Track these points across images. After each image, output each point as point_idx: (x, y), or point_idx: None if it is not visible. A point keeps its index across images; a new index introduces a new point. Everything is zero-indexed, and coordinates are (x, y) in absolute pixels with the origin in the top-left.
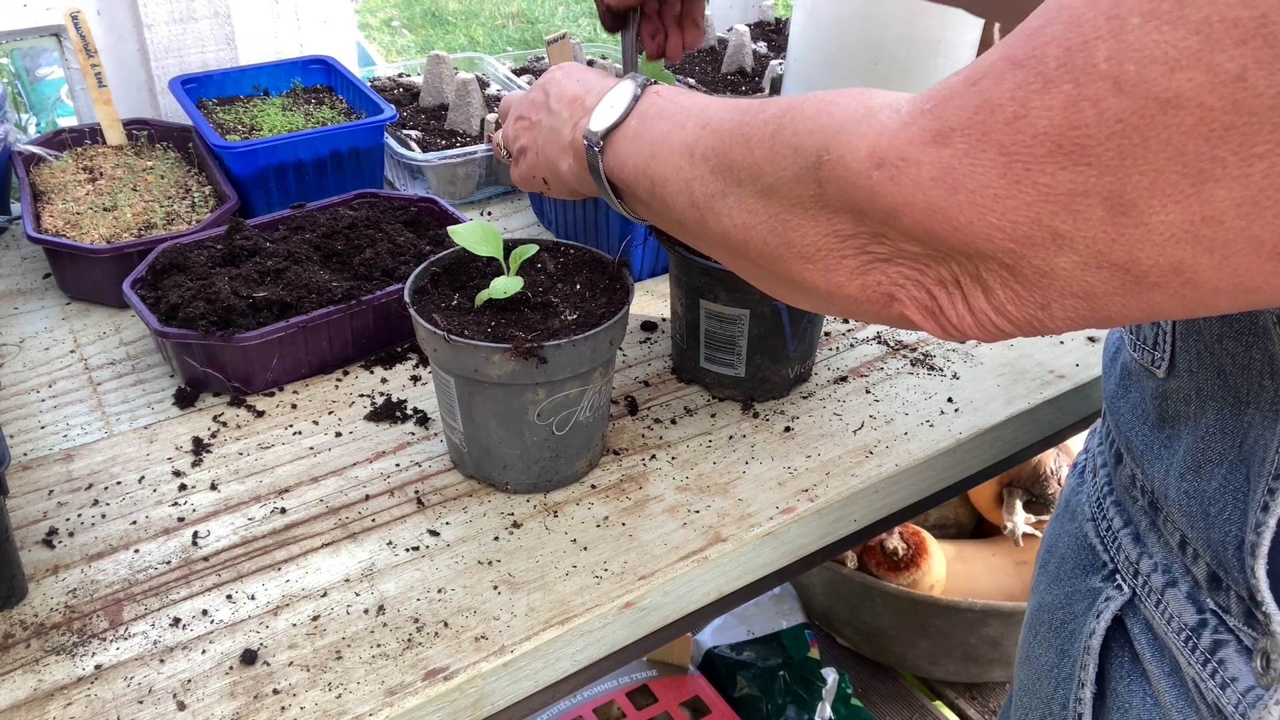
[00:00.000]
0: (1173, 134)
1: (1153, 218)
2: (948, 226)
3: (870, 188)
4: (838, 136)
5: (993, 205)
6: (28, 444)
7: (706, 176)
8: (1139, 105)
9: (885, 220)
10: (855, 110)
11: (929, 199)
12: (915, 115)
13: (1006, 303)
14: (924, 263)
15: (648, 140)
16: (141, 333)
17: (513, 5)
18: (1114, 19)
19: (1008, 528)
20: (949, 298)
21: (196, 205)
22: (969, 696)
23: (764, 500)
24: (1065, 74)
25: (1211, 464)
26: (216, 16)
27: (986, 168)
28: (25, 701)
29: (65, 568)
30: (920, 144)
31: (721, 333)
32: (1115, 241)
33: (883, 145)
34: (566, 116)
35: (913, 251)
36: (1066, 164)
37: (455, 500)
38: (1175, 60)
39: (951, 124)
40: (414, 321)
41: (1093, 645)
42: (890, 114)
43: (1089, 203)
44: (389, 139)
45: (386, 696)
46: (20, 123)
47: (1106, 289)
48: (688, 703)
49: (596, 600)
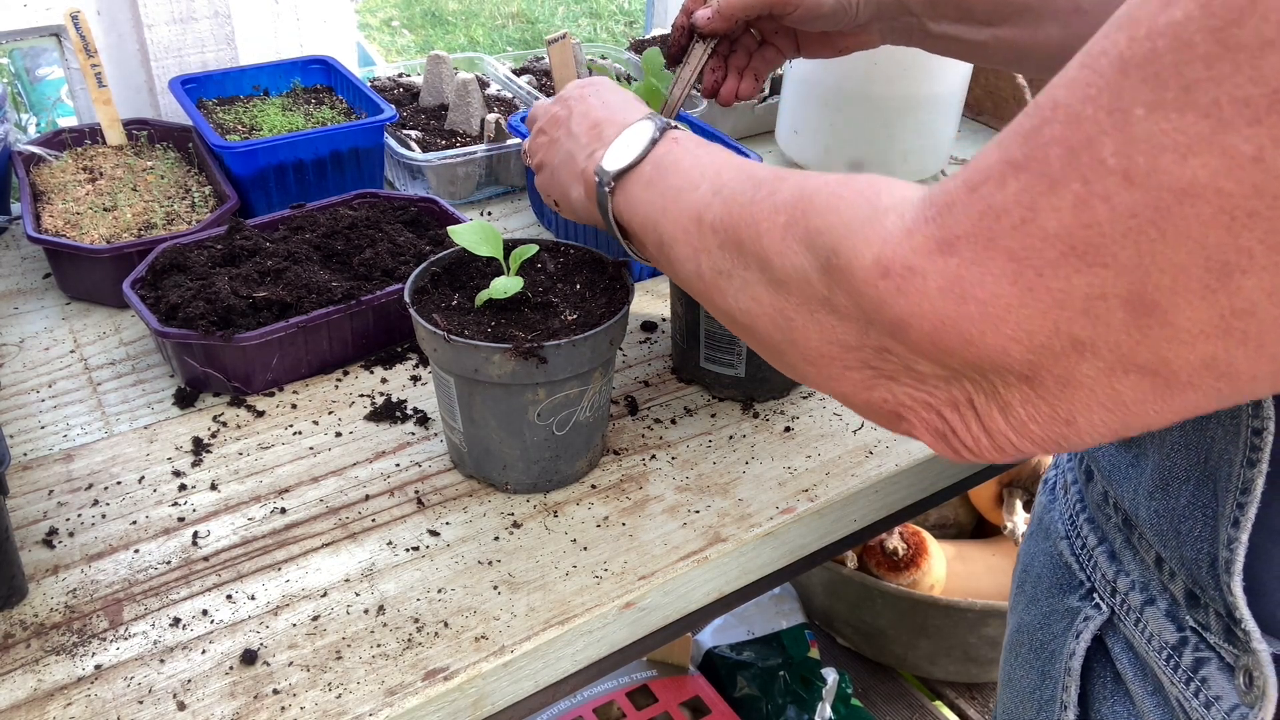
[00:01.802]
0: (1191, 225)
1: (1178, 316)
2: (959, 340)
3: (876, 297)
4: (845, 240)
5: (1005, 315)
6: (28, 444)
7: (715, 250)
8: (1153, 198)
9: (893, 333)
10: (862, 211)
11: (937, 310)
12: (919, 223)
13: (1028, 421)
14: (933, 384)
15: (659, 193)
16: (141, 333)
17: (513, 5)
18: (1116, 112)
19: (1008, 528)
20: (962, 421)
21: (196, 205)
22: (969, 696)
23: (764, 500)
24: (1071, 173)
25: (1179, 481)
26: (216, 16)
27: (996, 276)
28: (25, 701)
29: (65, 568)
30: (926, 253)
31: (721, 333)
32: (1140, 344)
33: (888, 254)
34: (584, 143)
35: (921, 371)
36: (1081, 266)
37: (455, 500)
38: (1187, 147)
39: (956, 232)
40: (414, 321)
41: (1073, 666)
42: (895, 220)
43: (1108, 306)
44: (389, 139)
45: (386, 696)
46: (20, 123)
47: (1136, 395)
48: (688, 703)
49: (596, 600)
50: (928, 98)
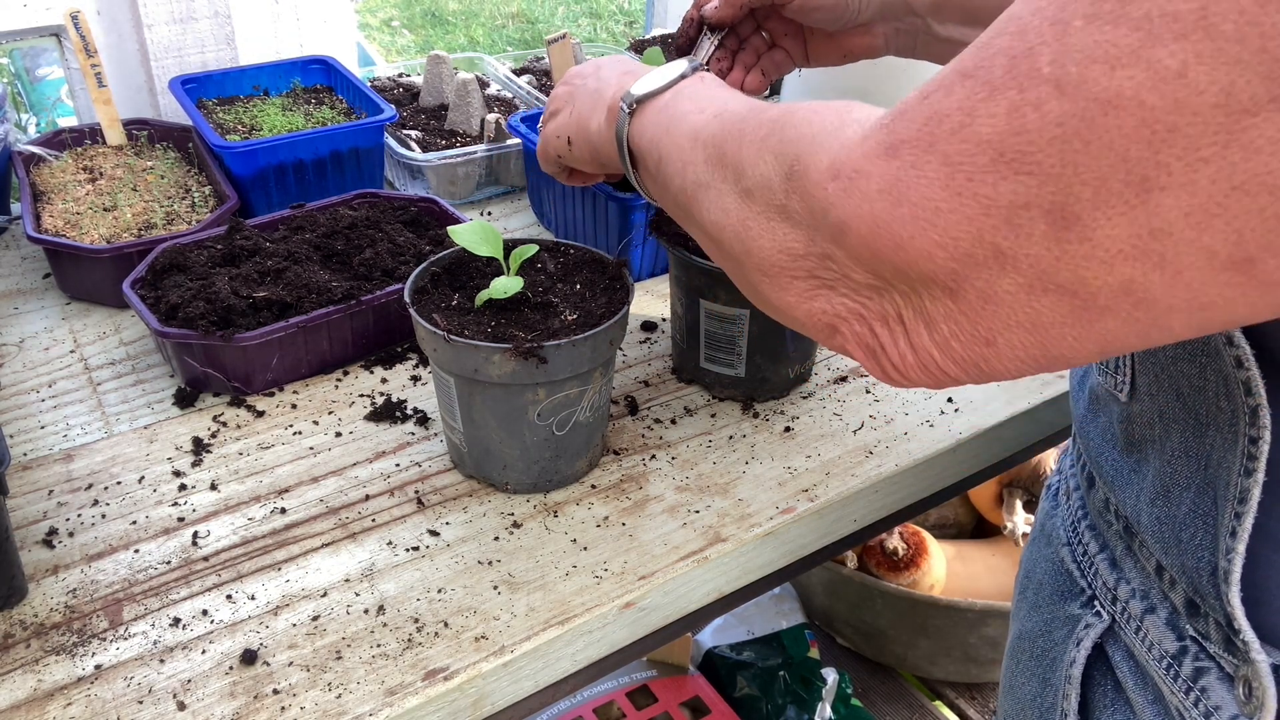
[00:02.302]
0: (1114, 137)
1: (1098, 232)
2: (890, 243)
3: (825, 199)
4: (808, 148)
5: (934, 219)
6: (28, 444)
7: (700, 164)
8: (1080, 107)
9: (834, 237)
10: (830, 123)
11: (874, 212)
12: (874, 130)
13: (950, 339)
14: (867, 294)
15: (669, 115)
16: (141, 333)
17: (513, 5)
18: (1058, 24)
19: (1008, 528)
20: (890, 336)
21: (196, 205)
22: (969, 696)
23: (764, 500)
24: (1010, 81)
25: (1179, 489)
26: (216, 16)
27: (930, 179)
28: (25, 701)
29: (65, 568)
30: (873, 156)
31: (721, 333)
32: (1060, 260)
33: (841, 158)
34: (614, 82)
35: (856, 280)
36: (1008, 173)
37: (455, 500)
38: (1115, 59)
39: (902, 136)
40: (414, 321)
41: (1074, 674)
42: (855, 129)
43: (1031, 215)
44: (389, 139)
45: (386, 696)
46: (20, 123)
47: (1055, 317)
48: (688, 703)
49: (596, 600)
50: None
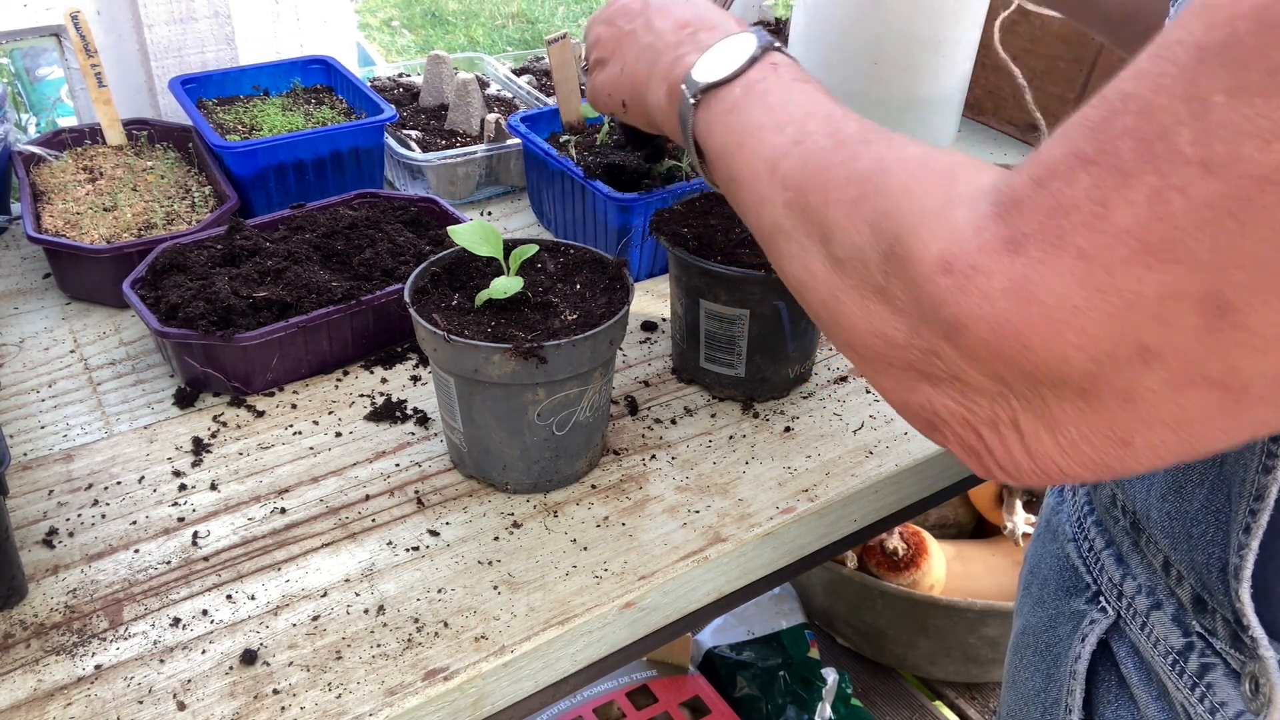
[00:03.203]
0: (1275, 215)
1: (1255, 319)
2: (1017, 346)
3: (936, 294)
4: (914, 229)
5: (1070, 319)
6: (28, 444)
7: (779, 206)
8: (1233, 187)
9: (947, 334)
10: (934, 199)
11: (998, 313)
12: (987, 219)
13: (1080, 442)
14: (977, 397)
15: (740, 123)
16: (141, 333)
17: (513, 5)
18: (1194, 101)
19: (1008, 528)
20: (1001, 441)
21: (196, 205)
22: (969, 696)
23: (764, 500)
24: (1145, 165)
25: (1192, 484)
26: (216, 16)
27: (1064, 276)
28: (25, 701)
29: (65, 568)
30: (992, 252)
31: (721, 333)
32: (1212, 351)
33: (954, 250)
34: (671, 41)
35: (967, 380)
36: (1154, 264)
37: (455, 500)
38: (1271, 133)
39: (1024, 230)
40: (414, 321)
41: (1079, 670)
42: (965, 214)
43: (1180, 307)
44: (389, 139)
45: (386, 696)
46: (20, 123)
47: (1203, 411)
48: (688, 703)
49: (596, 600)
50: (928, 98)
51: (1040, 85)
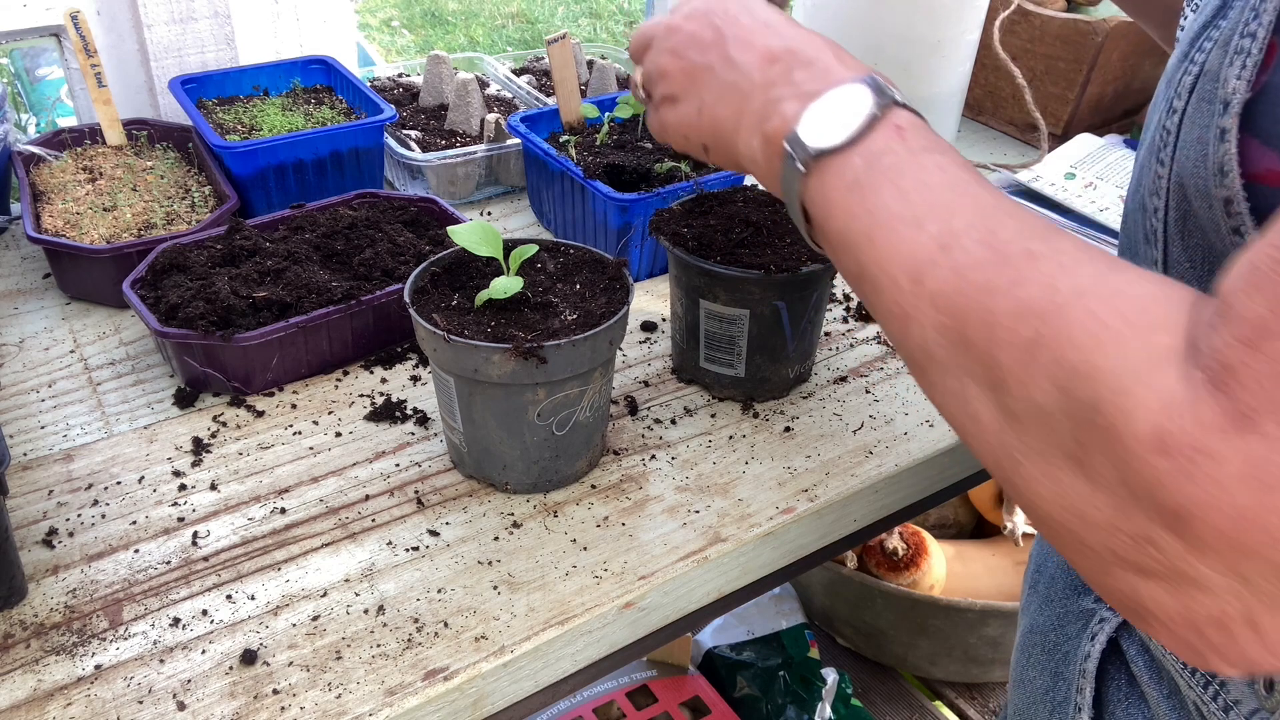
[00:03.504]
0: None
1: None
2: (1265, 538)
3: (1153, 478)
4: (1115, 398)
5: None
6: (28, 444)
7: (930, 330)
8: None
9: (1169, 523)
10: (1136, 355)
11: (1236, 503)
12: (1203, 391)
13: None
14: (1202, 593)
15: (867, 209)
16: (141, 333)
17: (513, 5)
18: None
19: (1008, 528)
20: (1229, 640)
21: (196, 205)
22: (969, 696)
23: (764, 500)
24: None
25: None
26: (216, 16)
27: None
28: (25, 701)
29: (65, 568)
30: (1219, 432)
31: (721, 333)
32: None
33: (1171, 427)
34: (759, 80)
35: (1192, 575)
36: None
37: (455, 500)
38: None
39: (1253, 403)
40: (414, 321)
41: (1088, 669)
42: (1176, 379)
43: None
44: (389, 139)
45: (386, 696)
46: (20, 123)
47: None
48: (688, 703)
49: (596, 600)
50: (928, 98)
51: (1040, 85)
